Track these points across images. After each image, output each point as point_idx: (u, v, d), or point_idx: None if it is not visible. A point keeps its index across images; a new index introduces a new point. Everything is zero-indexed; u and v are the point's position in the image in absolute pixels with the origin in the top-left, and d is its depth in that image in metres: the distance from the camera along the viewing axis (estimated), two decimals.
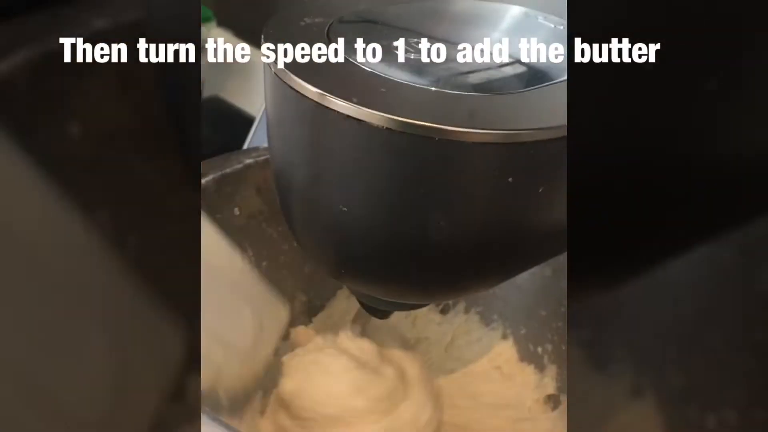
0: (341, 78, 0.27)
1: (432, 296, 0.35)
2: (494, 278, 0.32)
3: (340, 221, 0.29)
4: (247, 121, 0.61)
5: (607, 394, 0.31)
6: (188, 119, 0.30)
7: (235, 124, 0.69)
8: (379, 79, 0.27)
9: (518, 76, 0.28)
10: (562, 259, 0.43)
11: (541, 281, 0.43)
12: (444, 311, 0.48)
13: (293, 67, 0.28)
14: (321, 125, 0.27)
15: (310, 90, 0.27)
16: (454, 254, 0.29)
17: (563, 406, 0.42)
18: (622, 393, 0.31)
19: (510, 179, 0.26)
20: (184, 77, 0.29)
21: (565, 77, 0.28)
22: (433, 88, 0.27)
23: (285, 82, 0.28)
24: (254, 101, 0.69)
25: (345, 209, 0.29)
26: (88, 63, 0.27)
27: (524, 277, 0.44)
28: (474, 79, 0.28)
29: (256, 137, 0.55)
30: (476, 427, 0.43)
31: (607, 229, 0.26)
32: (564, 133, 0.26)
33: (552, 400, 0.43)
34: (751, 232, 0.27)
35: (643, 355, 0.30)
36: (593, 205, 0.25)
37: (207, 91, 0.75)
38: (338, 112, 0.26)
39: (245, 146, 0.55)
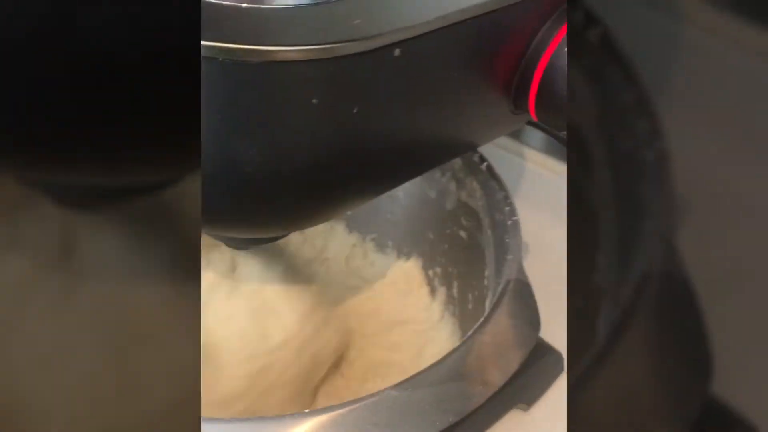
0: None
1: (272, 228, 0.32)
2: (333, 207, 0.30)
3: None
4: None
5: None
6: None
7: None
8: None
9: None
10: (445, 180, 0.42)
11: (427, 204, 0.42)
12: None
13: None
14: None
15: None
16: (274, 184, 0.27)
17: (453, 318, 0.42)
18: None
19: (314, 101, 0.25)
20: None
21: None
22: (243, 5, 0.25)
23: None
24: None
25: None
26: None
27: (412, 201, 0.43)
28: None
29: None
30: (380, 342, 0.43)
31: None
32: (375, 45, 0.25)
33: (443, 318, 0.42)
34: None
35: None
36: None
37: None
38: None
39: None
